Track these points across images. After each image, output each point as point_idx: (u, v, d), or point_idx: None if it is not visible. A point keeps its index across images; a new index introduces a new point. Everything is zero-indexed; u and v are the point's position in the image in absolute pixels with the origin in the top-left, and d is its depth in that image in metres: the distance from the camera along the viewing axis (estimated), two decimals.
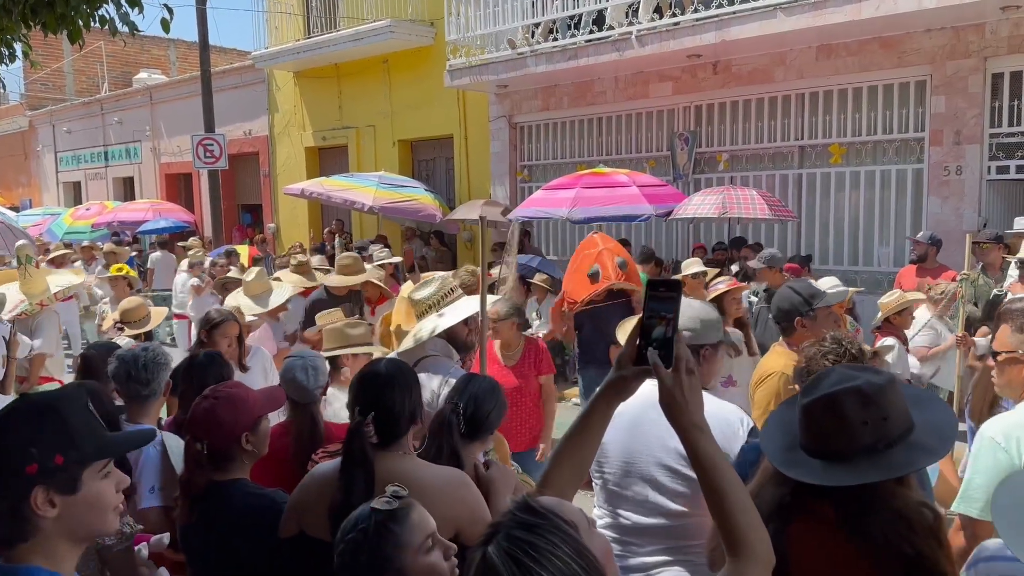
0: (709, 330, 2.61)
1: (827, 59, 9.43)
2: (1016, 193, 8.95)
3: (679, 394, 1.52)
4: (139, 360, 3.12)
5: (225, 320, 4.42)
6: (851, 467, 1.77)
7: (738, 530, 1.48)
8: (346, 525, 1.77)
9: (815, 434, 1.83)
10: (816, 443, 1.83)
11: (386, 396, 2.34)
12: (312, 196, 12.46)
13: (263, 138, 17.45)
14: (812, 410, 1.83)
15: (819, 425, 1.82)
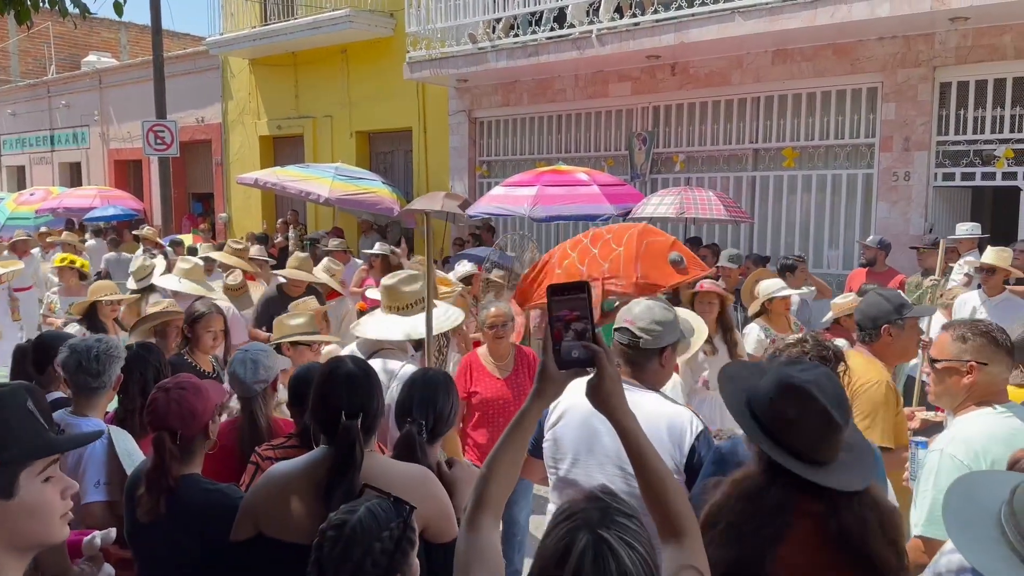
0: (669, 331, 2.62)
1: (783, 64, 9.60)
2: (961, 200, 9.22)
3: (617, 386, 1.59)
4: (92, 351, 3.03)
5: (209, 313, 4.34)
6: (840, 471, 1.84)
7: (678, 512, 1.57)
8: (365, 523, 1.74)
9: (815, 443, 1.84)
10: (809, 447, 1.84)
11: (367, 395, 2.34)
12: (266, 186, 12.28)
13: (216, 126, 17.14)
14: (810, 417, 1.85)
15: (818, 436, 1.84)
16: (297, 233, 13.61)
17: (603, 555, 1.22)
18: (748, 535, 1.83)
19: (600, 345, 1.58)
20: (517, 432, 1.66)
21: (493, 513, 1.61)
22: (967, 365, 2.65)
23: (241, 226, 16.28)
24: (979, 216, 9.71)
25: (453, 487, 2.55)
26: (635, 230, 6.29)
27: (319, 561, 1.74)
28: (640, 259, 6.00)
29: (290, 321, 4.32)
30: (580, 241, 6.55)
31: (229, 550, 2.34)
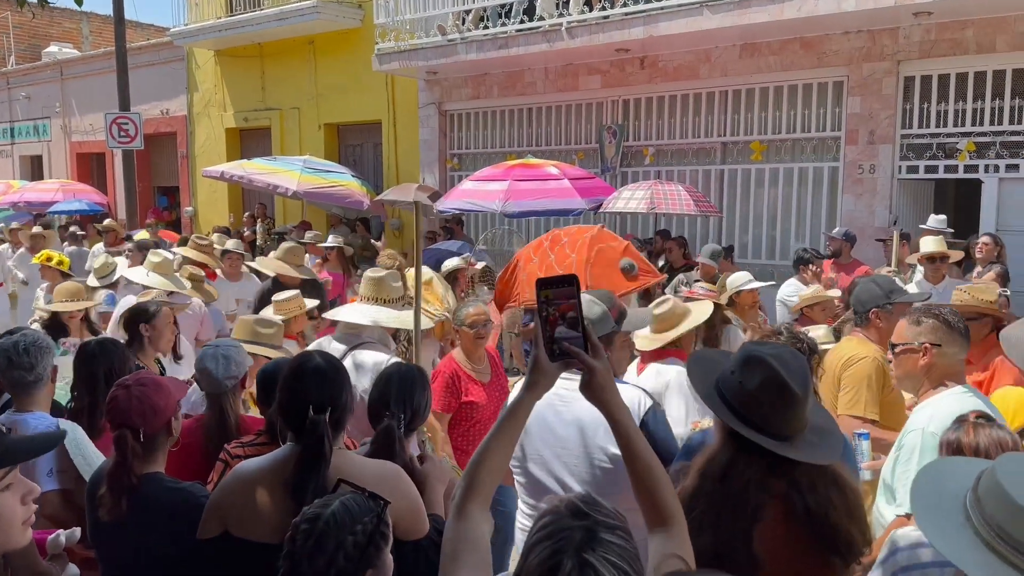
0: (596, 326, 2.63)
1: (750, 58, 9.67)
2: (924, 192, 9.37)
3: (609, 379, 1.62)
4: (19, 345, 2.96)
5: (161, 310, 4.28)
6: (810, 443, 1.88)
7: (665, 499, 1.59)
8: (339, 516, 1.73)
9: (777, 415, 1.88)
10: (774, 423, 1.88)
11: (336, 390, 2.31)
12: (232, 179, 12.13)
13: (181, 118, 16.89)
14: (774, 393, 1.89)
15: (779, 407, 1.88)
16: (265, 227, 13.47)
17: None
18: (726, 518, 1.85)
19: (591, 339, 1.61)
20: (510, 423, 1.66)
21: (482, 501, 1.61)
22: (922, 347, 2.73)
23: (207, 220, 16.08)
24: (942, 208, 9.87)
25: (424, 483, 2.54)
26: (588, 235, 6.31)
27: (292, 554, 1.73)
28: (591, 266, 6.05)
29: (259, 328, 4.25)
30: (541, 244, 6.59)
31: (195, 549, 2.30)
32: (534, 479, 2.63)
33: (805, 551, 1.85)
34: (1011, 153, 8.29)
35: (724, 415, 1.92)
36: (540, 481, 2.62)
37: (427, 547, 2.31)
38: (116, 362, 3.29)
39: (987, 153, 8.42)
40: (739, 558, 1.83)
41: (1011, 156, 8.29)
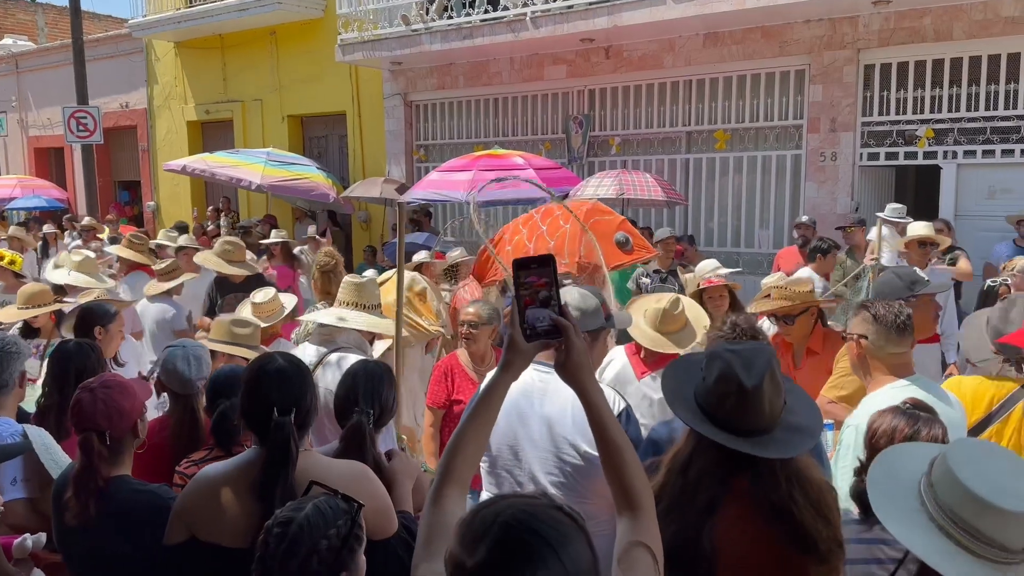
0: (588, 318, 2.64)
1: (713, 47, 9.73)
2: (885, 179, 9.52)
3: (585, 359, 1.62)
4: None
5: (117, 313, 4.21)
6: (774, 441, 1.88)
7: (634, 484, 1.59)
8: (312, 520, 1.72)
9: (733, 410, 1.88)
10: (734, 418, 1.89)
11: (300, 391, 2.29)
12: (195, 173, 11.96)
13: (141, 111, 16.60)
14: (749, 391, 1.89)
15: (735, 402, 1.88)
16: (229, 221, 13.31)
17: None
18: (684, 508, 1.88)
19: (568, 319, 1.61)
20: (484, 406, 1.66)
21: (459, 487, 1.61)
22: (855, 337, 2.82)
23: (170, 215, 15.84)
24: (902, 194, 10.06)
25: (392, 480, 2.53)
26: (584, 208, 6.17)
27: (263, 559, 1.72)
28: (586, 240, 5.88)
29: (235, 328, 4.14)
30: (531, 217, 6.42)
31: (163, 552, 2.28)
32: (500, 472, 2.64)
33: (766, 546, 1.86)
34: (968, 139, 8.45)
35: (681, 410, 1.94)
36: (507, 474, 2.63)
37: (396, 545, 2.31)
38: (89, 364, 3.26)
39: (945, 139, 8.57)
40: (691, 551, 1.84)
41: (968, 142, 8.45)
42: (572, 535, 1.17)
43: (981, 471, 1.59)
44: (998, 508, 1.54)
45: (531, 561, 1.12)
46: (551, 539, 1.14)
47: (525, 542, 1.14)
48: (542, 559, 1.12)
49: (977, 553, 1.56)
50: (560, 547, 1.14)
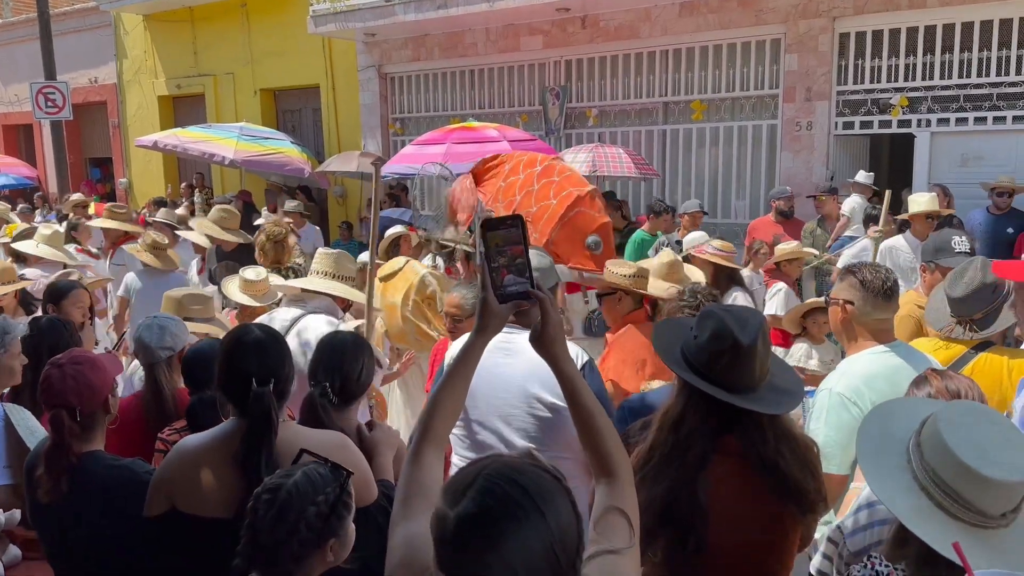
0: (545, 276, 2.69)
1: (689, 16, 9.69)
2: (860, 147, 9.57)
3: (560, 331, 1.64)
4: None
5: (75, 288, 4.14)
6: (761, 399, 1.94)
7: (610, 451, 1.60)
8: (301, 487, 1.75)
9: (726, 367, 1.93)
10: (725, 376, 1.93)
11: (278, 362, 2.28)
12: (166, 148, 11.81)
13: (111, 86, 16.30)
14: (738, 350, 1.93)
15: (727, 358, 1.93)
16: (203, 197, 13.15)
17: None
18: (675, 464, 1.91)
19: (541, 290, 1.62)
20: (461, 367, 1.68)
21: (436, 447, 1.63)
22: (840, 302, 2.83)
23: (143, 191, 15.64)
24: (877, 163, 10.12)
25: (373, 449, 2.54)
26: (577, 192, 5.91)
27: (253, 525, 1.74)
28: (562, 225, 5.75)
29: (187, 303, 4.16)
30: (534, 165, 6.17)
31: (141, 526, 2.28)
32: (473, 431, 2.67)
33: (756, 499, 1.92)
34: (942, 107, 8.50)
35: (675, 365, 1.99)
36: (479, 433, 2.66)
37: (375, 513, 2.32)
38: (62, 341, 3.21)
39: (919, 108, 8.62)
40: (684, 506, 1.88)
41: (942, 110, 8.50)
42: (555, 493, 1.18)
43: (969, 436, 1.59)
44: (981, 475, 1.54)
45: (513, 513, 1.14)
46: (534, 493, 1.15)
47: (508, 495, 1.15)
48: (524, 512, 1.14)
49: (954, 514, 1.57)
50: (543, 502, 1.15)
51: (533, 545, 1.13)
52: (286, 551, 1.73)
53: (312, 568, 1.79)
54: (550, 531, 1.14)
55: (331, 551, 1.79)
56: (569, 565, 1.16)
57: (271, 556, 1.73)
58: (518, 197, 5.93)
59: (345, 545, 1.83)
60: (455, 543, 1.15)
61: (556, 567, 1.14)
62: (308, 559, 1.77)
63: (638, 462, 1.98)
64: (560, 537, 1.15)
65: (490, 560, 1.12)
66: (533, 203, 5.84)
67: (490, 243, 1.60)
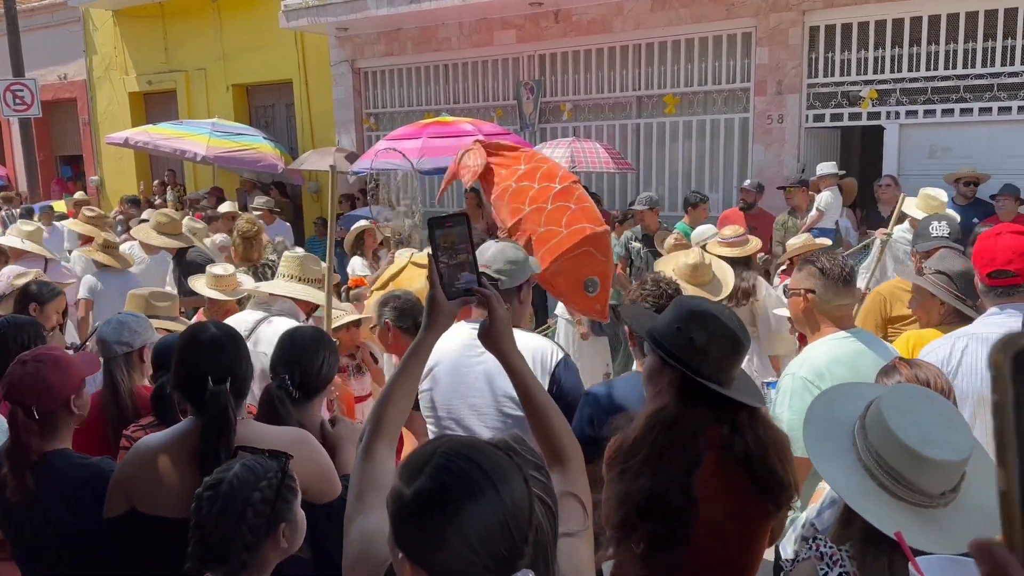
0: (521, 270, 2.69)
1: (661, 10, 9.73)
2: (830, 140, 9.66)
3: (507, 328, 1.68)
4: None
5: (58, 294, 4.13)
6: (743, 389, 2.01)
7: (560, 438, 1.65)
8: (241, 477, 1.75)
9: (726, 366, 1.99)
10: (724, 373, 1.99)
11: (234, 360, 2.28)
12: (138, 146, 11.71)
13: (81, 83, 16.09)
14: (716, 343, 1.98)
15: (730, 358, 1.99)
16: (176, 194, 13.04)
17: None
18: (667, 463, 1.93)
19: (488, 287, 1.66)
20: (411, 363, 1.70)
21: (388, 441, 1.65)
22: (801, 292, 2.87)
23: (115, 189, 15.47)
24: (848, 155, 10.22)
25: (336, 445, 2.54)
26: (590, 230, 5.60)
27: (200, 524, 1.73)
28: (566, 260, 5.46)
29: (153, 301, 4.17)
30: (553, 178, 5.81)
31: (106, 525, 2.27)
32: (444, 429, 2.68)
33: (740, 495, 1.96)
34: (910, 100, 8.60)
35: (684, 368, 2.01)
36: (453, 431, 2.67)
37: (339, 508, 2.31)
38: (29, 338, 3.19)
39: (888, 100, 8.71)
40: (675, 501, 1.91)
41: (910, 103, 8.60)
42: (509, 470, 1.21)
43: (911, 418, 1.63)
44: (922, 456, 1.58)
45: (468, 489, 1.16)
46: (488, 470, 1.18)
47: (464, 471, 1.18)
48: (480, 488, 1.17)
49: (896, 495, 1.61)
50: (498, 479, 1.18)
51: (489, 519, 1.16)
52: (237, 543, 1.73)
53: (267, 557, 1.79)
54: (504, 506, 1.17)
55: (284, 537, 1.79)
56: (521, 538, 1.19)
57: (222, 551, 1.73)
58: (526, 208, 5.73)
59: (297, 530, 1.83)
60: (413, 518, 1.18)
61: (510, 540, 1.17)
62: (260, 547, 1.76)
63: (616, 455, 2.01)
64: (514, 511, 1.18)
65: (448, 534, 1.15)
66: (542, 223, 5.55)
67: (437, 241, 1.63)
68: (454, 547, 1.15)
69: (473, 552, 1.15)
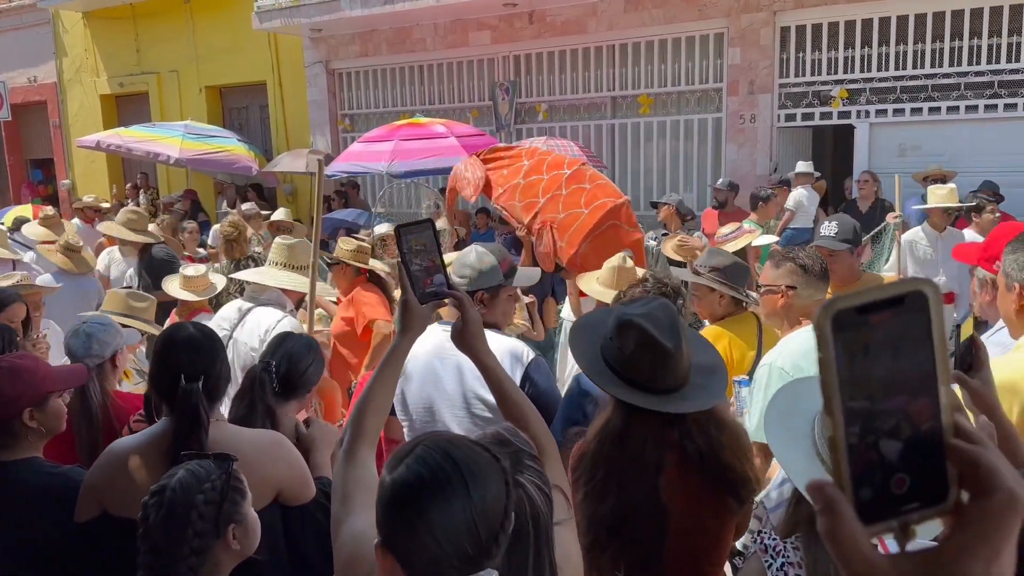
0: (485, 276, 2.70)
1: (635, 11, 9.78)
2: (802, 139, 9.76)
3: (479, 328, 1.72)
4: None
5: (14, 302, 4.05)
6: (697, 389, 1.98)
7: (537, 433, 1.67)
8: (184, 481, 1.74)
9: (657, 373, 1.95)
10: (658, 380, 1.96)
11: (209, 360, 2.26)
12: (109, 148, 11.57)
13: (51, 85, 15.89)
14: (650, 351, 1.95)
15: (658, 365, 1.95)
16: (149, 197, 12.91)
17: (521, 500, 1.32)
18: (629, 478, 1.92)
19: (457, 289, 1.72)
20: (389, 367, 1.73)
21: (369, 443, 1.67)
22: (780, 288, 2.90)
23: (86, 192, 15.22)
24: (820, 153, 10.33)
25: (310, 447, 2.54)
26: (611, 203, 5.61)
27: (147, 532, 1.73)
28: (593, 238, 5.44)
29: (132, 301, 4.12)
30: (560, 167, 5.87)
31: (77, 532, 2.24)
32: (420, 429, 2.68)
33: (701, 494, 1.95)
34: (880, 99, 8.71)
35: (610, 387, 1.99)
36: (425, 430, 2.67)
37: (314, 510, 2.32)
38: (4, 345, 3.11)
39: (858, 99, 8.83)
40: (648, 513, 1.90)
41: (880, 102, 8.71)
42: (486, 468, 1.23)
43: None
44: None
45: (439, 484, 1.19)
46: (463, 467, 1.20)
47: (439, 465, 1.20)
48: (451, 484, 1.19)
49: None
50: (471, 476, 1.20)
51: (456, 516, 1.18)
52: (184, 547, 1.71)
53: (219, 560, 1.77)
54: (473, 505, 1.19)
55: (234, 539, 1.78)
56: (491, 539, 1.20)
57: (170, 558, 1.71)
58: (541, 200, 5.62)
59: (249, 532, 1.82)
60: (388, 506, 1.21)
61: (476, 540, 1.19)
62: (211, 551, 1.74)
63: (576, 477, 1.99)
64: (483, 511, 1.19)
65: (416, 525, 1.18)
66: (560, 209, 5.57)
67: (405, 246, 1.66)
68: (420, 539, 1.18)
69: (438, 546, 1.17)
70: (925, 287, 0.59)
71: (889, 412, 0.59)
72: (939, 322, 0.60)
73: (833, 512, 0.59)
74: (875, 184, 7.82)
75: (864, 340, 0.59)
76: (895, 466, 0.60)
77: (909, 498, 0.60)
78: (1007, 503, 0.58)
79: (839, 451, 0.60)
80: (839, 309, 0.59)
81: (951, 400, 0.60)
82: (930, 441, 0.60)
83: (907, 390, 0.59)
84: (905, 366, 0.59)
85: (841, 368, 0.59)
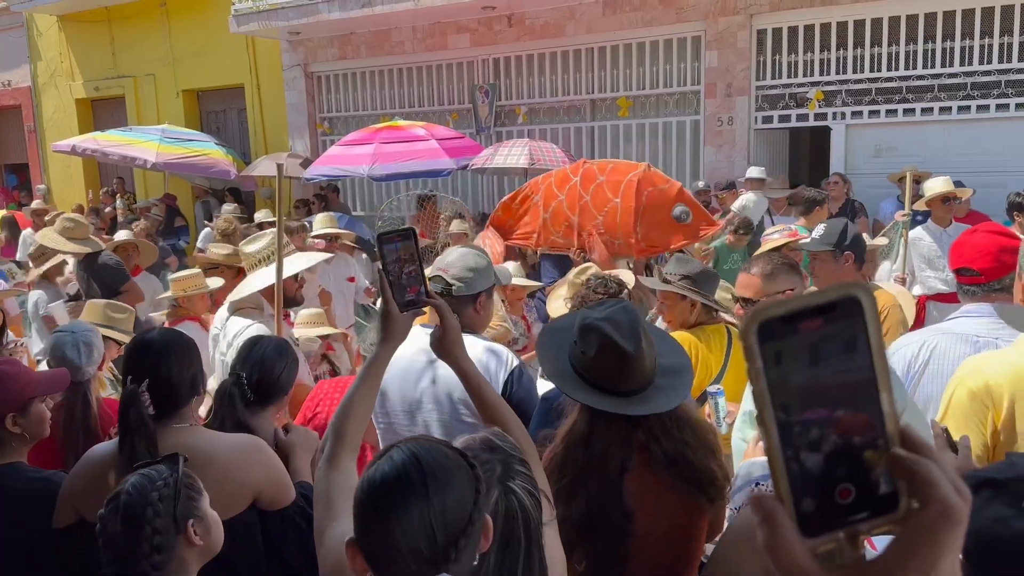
0: (481, 278, 2.69)
1: (613, 14, 9.83)
2: (779, 141, 9.85)
3: (458, 335, 1.76)
4: None
5: None
6: (660, 391, 1.99)
7: (517, 438, 1.68)
8: (137, 484, 1.73)
9: (620, 375, 1.95)
10: (621, 383, 1.96)
11: (162, 364, 2.23)
12: (85, 153, 11.43)
13: (25, 89, 15.71)
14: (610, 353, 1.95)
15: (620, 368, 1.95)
16: (125, 202, 12.79)
17: (512, 506, 1.36)
18: (595, 481, 1.92)
19: (436, 297, 1.75)
20: (371, 375, 1.76)
21: (350, 449, 1.68)
22: (785, 295, 2.88)
23: (62, 198, 15.10)
24: (797, 156, 10.43)
25: (289, 452, 2.53)
26: (635, 177, 5.48)
27: (108, 542, 1.72)
28: (642, 216, 5.31)
29: (110, 312, 4.09)
30: (568, 179, 5.83)
31: (53, 537, 2.23)
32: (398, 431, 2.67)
33: (669, 494, 1.95)
34: (855, 101, 8.81)
35: (573, 392, 1.99)
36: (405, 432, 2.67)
37: (293, 514, 2.32)
38: None
39: (834, 101, 8.92)
40: (613, 514, 1.91)
41: (855, 103, 8.81)
42: (452, 473, 1.24)
43: None
44: None
45: (400, 485, 1.22)
46: (426, 469, 1.23)
47: (404, 466, 1.23)
48: (412, 485, 1.22)
49: None
50: (433, 479, 1.22)
51: (412, 517, 1.20)
52: (145, 545, 1.70)
53: (184, 557, 1.76)
54: (431, 508, 1.21)
55: (195, 533, 1.77)
56: (449, 544, 1.21)
57: (133, 558, 1.70)
58: (574, 218, 5.53)
59: (209, 527, 1.80)
60: (357, 504, 1.26)
61: (432, 544, 1.20)
62: (172, 548, 1.73)
63: (552, 480, 1.98)
64: (441, 514, 1.21)
65: (376, 523, 1.22)
66: (596, 214, 5.53)
67: (387, 256, 1.68)
68: (379, 536, 1.21)
69: (394, 546, 1.20)
70: (858, 292, 0.57)
71: (826, 422, 0.58)
72: (876, 327, 0.58)
73: (771, 524, 0.58)
74: (845, 185, 7.89)
75: (793, 349, 0.57)
76: (839, 476, 0.58)
77: (856, 508, 0.58)
78: (941, 515, 0.56)
79: (776, 463, 0.58)
80: (764, 319, 0.58)
81: (894, 407, 0.59)
82: (872, 450, 0.58)
83: (845, 399, 0.58)
84: (841, 374, 0.57)
85: (771, 379, 0.58)
